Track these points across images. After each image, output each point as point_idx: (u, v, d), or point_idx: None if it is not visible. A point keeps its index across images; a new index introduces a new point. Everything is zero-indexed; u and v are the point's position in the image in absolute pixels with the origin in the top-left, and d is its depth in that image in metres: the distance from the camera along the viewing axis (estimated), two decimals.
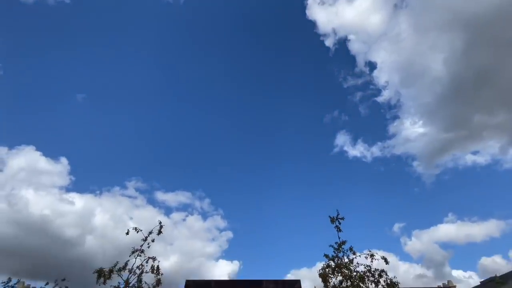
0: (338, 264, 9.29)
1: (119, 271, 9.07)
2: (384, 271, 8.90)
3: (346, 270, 9.06)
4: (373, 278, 9.10)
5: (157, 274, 9.16)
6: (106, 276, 8.69)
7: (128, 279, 8.93)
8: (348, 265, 9.23)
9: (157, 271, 9.25)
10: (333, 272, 9.29)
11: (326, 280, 9.12)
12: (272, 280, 19.56)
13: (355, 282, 8.85)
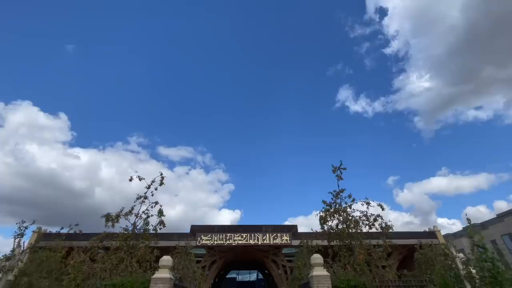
0: (336, 209, 9.70)
1: (125, 215, 9.47)
2: (380, 216, 9.34)
3: (344, 213, 9.50)
4: (367, 222, 9.59)
5: (160, 216, 9.61)
6: (114, 220, 9.10)
7: (135, 222, 9.39)
8: (345, 210, 9.65)
9: (161, 213, 9.69)
10: (331, 215, 9.76)
11: (324, 223, 9.63)
12: (271, 225, 20.98)
13: (351, 225, 9.34)
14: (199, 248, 21.01)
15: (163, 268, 6.71)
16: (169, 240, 19.38)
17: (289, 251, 22.11)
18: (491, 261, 4.09)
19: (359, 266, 8.27)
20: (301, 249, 16.80)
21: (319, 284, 6.39)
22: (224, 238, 20.13)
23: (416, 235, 22.11)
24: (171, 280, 6.57)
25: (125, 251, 8.51)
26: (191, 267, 16.09)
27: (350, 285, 6.51)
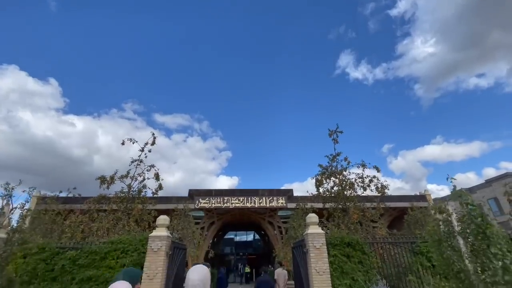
0: (332, 171, 9.73)
1: (121, 178, 9.41)
2: (376, 177, 9.42)
3: (339, 176, 9.56)
4: (362, 184, 9.70)
5: (158, 180, 9.59)
6: (108, 182, 9.05)
7: (131, 184, 9.37)
8: (341, 173, 9.69)
9: (157, 177, 9.65)
10: (327, 178, 9.83)
11: (320, 185, 9.74)
12: (267, 189, 21.48)
13: (346, 187, 9.44)
14: (198, 211, 21.71)
15: (161, 226, 6.78)
16: (168, 203, 19.88)
17: (285, 214, 23.00)
18: (481, 217, 4.07)
19: (352, 225, 8.55)
20: (296, 211, 17.43)
21: (314, 241, 6.56)
22: (221, 201, 20.70)
23: (407, 198, 22.97)
24: (169, 237, 6.68)
25: (122, 212, 8.62)
26: (190, 228, 16.72)
27: (344, 242, 6.71)
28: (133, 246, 6.47)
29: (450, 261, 4.37)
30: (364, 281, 6.20)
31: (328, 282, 6.15)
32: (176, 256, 7.07)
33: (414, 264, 6.63)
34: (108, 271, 6.17)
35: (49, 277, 6.07)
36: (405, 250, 6.90)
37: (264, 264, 28.16)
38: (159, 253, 6.31)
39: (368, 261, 6.59)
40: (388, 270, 6.58)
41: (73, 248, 6.52)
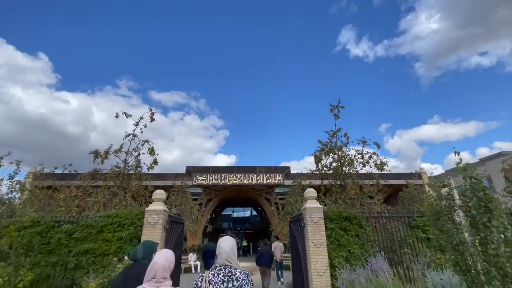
0: (332, 147, 9.58)
1: (115, 152, 9.18)
2: (376, 153, 9.30)
3: (339, 152, 9.43)
4: (362, 160, 9.61)
5: (153, 155, 9.39)
6: (102, 157, 8.83)
7: (126, 159, 9.17)
8: (341, 149, 9.54)
9: (152, 152, 9.44)
10: (327, 155, 9.70)
11: (319, 161, 9.63)
12: (264, 166, 21.53)
13: (345, 163, 9.35)
14: (195, 187, 21.88)
15: (157, 201, 6.69)
16: (165, 180, 19.91)
17: (282, 190, 23.31)
18: (483, 191, 3.96)
19: (350, 201, 8.58)
20: (293, 187, 17.60)
21: (312, 215, 6.56)
22: (219, 178, 20.79)
23: (402, 176, 23.29)
24: (166, 211, 6.62)
25: (118, 187, 8.52)
26: (187, 203, 16.90)
27: (341, 216, 6.72)
28: (129, 220, 6.40)
29: (450, 234, 4.35)
30: (360, 253, 6.28)
31: (325, 254, 6.22)
32: (174, 230, 7.06)
33: (410, 237, 6.71)
34: (105, 244, 6.15)
35: (46, 249, 6.04)
36: (401, 224, 6.95)
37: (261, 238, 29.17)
38: (156, 227, 6.27)
39: (365, 234, 6.65)
40: (384, 243, 6.66)
41: (69, 222, 6.45)
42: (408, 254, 6.48)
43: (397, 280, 4.05)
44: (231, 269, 2.02)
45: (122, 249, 6.08)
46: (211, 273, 2.01)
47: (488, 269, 3.61)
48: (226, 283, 1.93)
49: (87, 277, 5.30)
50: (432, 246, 6.53)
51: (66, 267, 5.91)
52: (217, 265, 2.09)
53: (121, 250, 6.06)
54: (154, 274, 1.91)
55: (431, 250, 6.48)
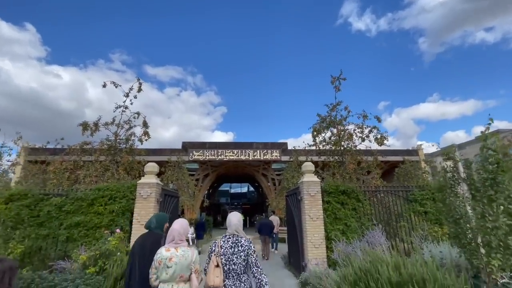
0: (332, 121, 9.25)
1: (106, 125, 8.77)
2: (376, 127, 9.01)
3: (338, 125, 9.13)
4: (361, 135, 9.34)
5: (145, 127, 9.02)
6: (92, 129, 8.43)
7: (117, 132, 8.79)
8: (341, 123, 9.23)
9: (145, 124, 9.05)
10: (325, 129, 9.40)
11: (317, 135, 9.34)
12: (261, 142, 21.30)
13: (344, 137, 9.09)
14: (192, 163, 21.77)
15: (149, 173, 6.46)
16: (161, 155, 19.70)
17: (279, 166, 23.33)
18: (497, 163, 3.69)
19: (347, 175, 8.45)
20: (290, 163, 17.53)
21: (309, 189, 6.42)
22: (215, 154, 20.61)
23: (398, 153, 23.33)
24: (159, 185, 6.41)
25: (110, 161, 8.24)
26: (184, 179, 16.84)
27: (339, 190, 6.59)
28: (121, 193, 6.21)
29: (452, 207, 4.22)
30: (357, 227, 6.24)
31: (321, 228, 6.17)
32: (168, 203, 6.92)
33: (407, 211, 6.66)
34: (97, 217, 6.00)
35: (35, 222, 5.89)
36: (399, 198, 6.88)
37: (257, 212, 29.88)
38: (149, 200, 6.10)
39: (362, 208, 6.57)
40: (381, 217, 6.62)
41: (58, 195, 6.24)
42: (405, 227, 6.46)
43: (395, 253, 3.97)
44: (238, 237, 2.47)
45: (115, 222, 5.95)
46: (222, 240, 2.47)
47: (489, 240, 3.51)
48: (233, 248, 2.39)
49: (79, 249, 5.19)
50: (429, 219, 6.50)
51: (58, 239, 5.79)
52: (227, 234, 2.52)
53: (114, 223, 5.92)
54: (173, 237, 2.42)
55: (427, 223, 6.47)
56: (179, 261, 2.29)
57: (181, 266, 2.30)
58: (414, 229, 6.27)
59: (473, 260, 3.79)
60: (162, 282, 2.28)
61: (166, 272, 2.26)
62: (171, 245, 2.38)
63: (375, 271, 3.70)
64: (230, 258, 2.34)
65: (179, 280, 2.30)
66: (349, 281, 3.84)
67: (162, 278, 2.28)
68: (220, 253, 2.37)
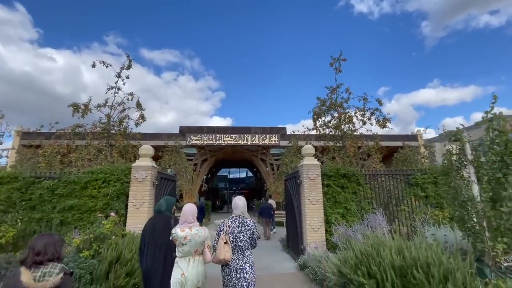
0: (333, 103, 8.96)
1: (98, 106, 8.44)
2: (378, 109, 8.76)
3: (339, 108, 8.85)
4: (362, 118, 9.09)
5: (140, 109, 8.68)
6: (83, 110, 8.10)
7: (109, 114, 8.46)
8: (341, 105, 8.94)
9: (139, 106, 8.71)
10: (325, 113, 9.13)
11: (317, 118, 9.08)
12: (260, 127, 21.03)
13: (345, 120, 8.84)
14: (190, 148, 21.57)
15: (144, 156, 6.25)
16: (158, 140, 19.43)
17: (277, 151, 23.21)
18: (506, 145, 3.47)
19: (348, 159, 8.29)
20: (289, 148, 17.38)
21: (309, 172, 6.26)
22: (213, 139, 20.37)
23: (398, 138, 23.19)
24: (154, 168, 6.22)
25: (104, 143, 7.97)
26: (182, 163, 16.69)
27: (339, 173, 6.44)
28: (115, 176, 6.01)
29: (458, 190, 4.08)
30: (357, 210, 6.15)
31: (321, 211, 6.07)
32: (165, 186, 6.77)
33: (408, 195, 6.56)
34: (90, 200, 5.84)
35: (28, 206, 5.73)
36: (400, 182, 6.76)
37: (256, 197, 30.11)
38: (144, 183, 5.93)
39: (362, 191, 6.45)
40: (382, 200, 6.52)
41: (50, 178, 6.05)
42: (405, 211, 6.38)
43: (397, 236, 3.87)
44: (243, 218, 2.81)
45: (110, 206, 5.80)
46: (230, 221, 2.79)
47: (499, 224, 3.39)
48: (240, 227, 2.72)
49: (72, 233, 5.06)
50: (429, 203, 6.42)
51: (52, 223, 5.66)
52: (233, 215, 2.84)
53: (108, 207, 5.78)
54: (186, 218, 2.70)
55: (427, 207, 6.39)
56: (193, 238, 2.61)
57: (195, 243, 2.62)
58: (415, 213, 6.19)
59: (477, 244, 3.70)
60: (179, 257, 2.63)
61: (182, 249, 2.59)
62: (185, 225, 2.68)
63: (377, 255, 3.61)
64: (237, 236, 2.69)
65: (194, 254, 2.65)
66: (350, 265, 3.75)
67: (178, 254, 2.63)
68: (228, 232, 2.70)
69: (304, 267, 5.38)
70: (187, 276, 2.52)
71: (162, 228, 2.87)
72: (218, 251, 2.60)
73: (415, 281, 3.04)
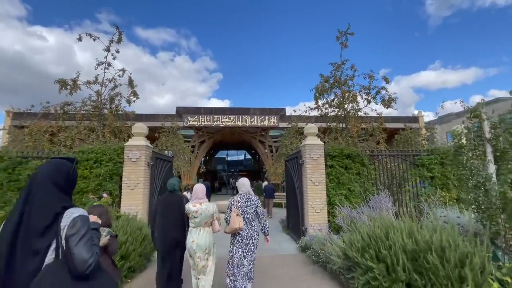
0: (337, 80, 8.49)
1: (88, 83, 7.91)
2: (385, 88, 8.32)
3: (344, 85, 8.41)
4: (367, 97, 8.68)
5: (131, 86, 8.17)
6: (71, 87, 7.59)
7: (100, 91, 7.96)
8: (346, 83, 8.48)
9: (131, 83, 8.19)
10: (329, 91, 8.67)
11: (320, 95, 8.65)
12: (259, 108, 20.51)
13: (349, 98, 8.43)
14: (187, 130, 21.14)
15: (138, 135, 5.89)
16: (154, 121, 18.95)
17: (277, 133, 22.87)
18: None
19: (351, 139, 7.98)
20: (289, 129, 17.02)
21: (311, 152, 5.97)
22: (211, 120, 19.90)
23: (399, 120, 22.86)
24: (149, 147, 5.89)
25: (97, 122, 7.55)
26: (179, 144, 16.35)
27: (343, 154, 6.16)
28: (107, 156, 5.69)
29: (473, 170, 3.82)
30: (360, 192, 5.94)
31: (323, 193, 5.85)
32: (161, 167, 6.47)
33: (413, 176, 6.34)
34: (82, 181, 5.55)
35: (15, 187, 5.43)
36: (405, 163, 6.52)
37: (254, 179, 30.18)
38: (139, 163, 5.62)
39: (366, 172, 6.21)
40: (388, 181, 6.30)
41: (38, 157, 5.70)
42: (410, 192, 6.19)
43: (406, 218, 3.65)
44: (249, 195, 3.31)
45: (102, 187, 5.52)
46: (239, 197, 3.26)
47: None
48: (247, 203, 3.22)
49: None
50: (435, 184, 6.22)
51: None
52: (241, 193, 3.31)
53: (101, 188, 5.50)
54: (197, 195, 3.19)
55: (433, 188, 6.20)
56: (203, 212, 3.11)
57: (205, 216, 3.13)
58: (420, 195, 6.00)
59: (492, 226, 3.50)
60: (191, 227, 3.15)
61: (193, 221, 3.11)
62: (196, 201, 3.18)
63: (386, 238, 3.41)
64: (245, 210, 3.22)
65: (204, 225, 3.15)
66: (356, 248, 3.56)
67: (191, 225, 3.15)
68: (238, 206, 3.21)
69: (305, 249, 5.24)
70: (197, 242, 3.06)
71: (175, 205, 3.33)
72: (232, 221, 3.08)
73: (428, 266, 2.85)
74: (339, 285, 3.75)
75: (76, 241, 1.07)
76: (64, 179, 1.25)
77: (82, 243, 1.08)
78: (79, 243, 1.07)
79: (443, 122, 34.21)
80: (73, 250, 1.05)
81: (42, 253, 1.08)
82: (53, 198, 1.17)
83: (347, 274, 3.57)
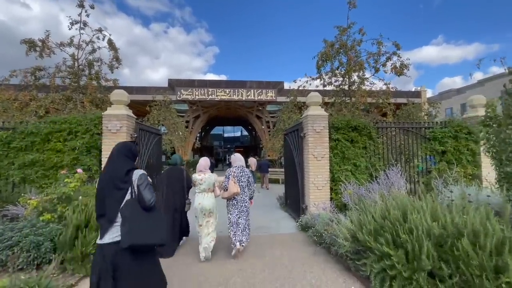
0: (344, 43, 7.60)
1: (61, 45, 6.94)
2: (396, 53, 7.49)
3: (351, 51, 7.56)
4: (375, 64, 7.88)
5: (114, 50, 7.22)
6: (41, 49, 6.63)
7: (76, 54, 7.02)
8: (353, 48, 7.62)
9: (111, 45, 7.23)
10: (334, 57, 7.81)
11: (324, 62, 7.82)
12: (256, 81, 19.48)
13: (356, 67, 7.63)
14: (181, 104, 20.19)
15: (117, 103, 5.16)
16: (145, 94, 17.92)
17: (274, 108, 22.04)
18: None
19: (357, 111, 7.34)
20: (287, 103, 16.23)
21: (314, 124, 5.35)
22: (206, 94, 18.91)
23: (402, 94, 22.08)
24: (131, 117, 5.19)
25: (73, 90, 6.73)
26: (172, 118, 15.56)
27: (350, 126, 5.56)
28: (82, 126, 5.01)
29: (508, 142, 3.28)
30: (366, 167, 5.43)
31: (327, 168, 5.33)
32: (147, 140, 5.82)
33: (424, 150, 5.82)
34: (56, 155, 4.92)
35: None
36: (415, 135, 5.96)
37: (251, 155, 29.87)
38: (119, 135, 4.95)
39: (373, 146, 5.66)
40: (395, 155, 5.78)
41: (3, 128, 5.00)
42: (418, 166, 5.71)
43: (429, 197, 3.16)
44: (243, 167, 4.05)
45: (80, 161, 4.91)
46: (234, 169, 3.98)
47: None
48: (241, 173, 3.94)
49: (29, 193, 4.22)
50: (447, 159, 5.73)
51: (13, 181, 4.81)
52: (236, 165, 4.04)
53: (78, 162, 4.89)
54: (200, 167, 4.02)
55: (442, 163, 5.72)
56: (207, 180, 3.87)
57: (208, 183, 3.88)
58: (428, 170, 5.53)
59: None
60: (197, 192, 3.90)
61: (199, 187, 3.88)
62: (201, 172, 3.94)
63: (403, 220, 2.93)
64: (240, 179, 3.87)
65: (208, 191, 3.90)
66: (368, 230, 3.11)
67: (197, 190, 3.91)
68: (234, 176, 3.86)
69: (305, 228, 4.83)
70: (202, 204, 3.78)
71: (177, 177, 4.10)
72: (231, 187, 3.74)
73: (458, 253, 2.38)
74: (346, 270, 3.33)
75: (143, 188, 1.85)
76: (129, 152, 2.00)
77: (147, 189, 1.85)
78: (146, 189, 1.85)
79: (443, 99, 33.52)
80: (142, 193, 1.83)
81: (122, 191, 1.82)
82: (123, 162, 1.92)
83: (356, 260, 3.13)
